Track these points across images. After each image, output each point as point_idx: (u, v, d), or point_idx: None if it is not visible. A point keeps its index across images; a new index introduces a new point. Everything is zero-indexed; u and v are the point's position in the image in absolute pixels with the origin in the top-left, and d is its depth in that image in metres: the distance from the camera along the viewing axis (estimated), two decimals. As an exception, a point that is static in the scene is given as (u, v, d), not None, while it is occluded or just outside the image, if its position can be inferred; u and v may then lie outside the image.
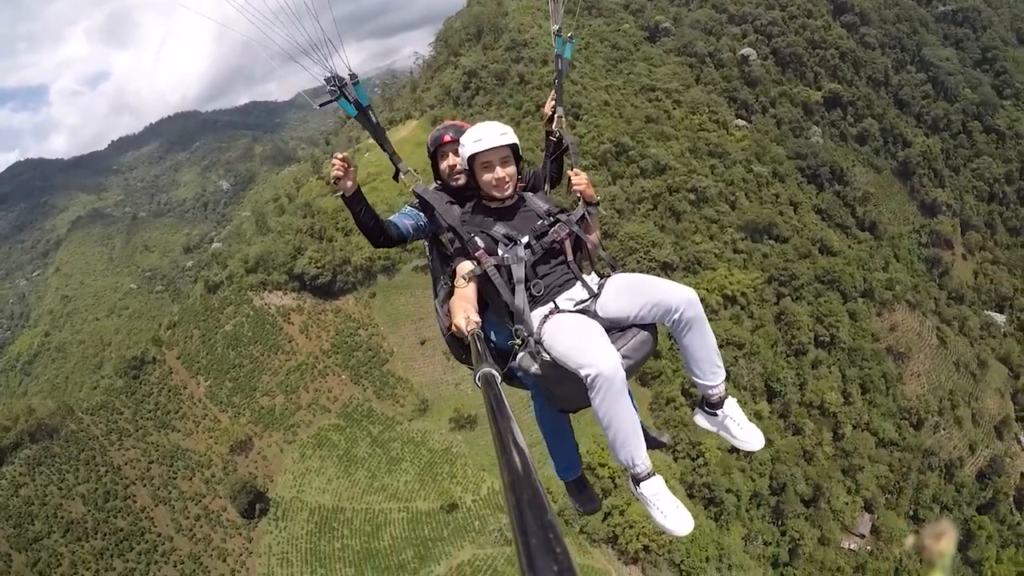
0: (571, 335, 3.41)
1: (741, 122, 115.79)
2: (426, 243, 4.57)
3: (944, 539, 0.94)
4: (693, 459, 70.66)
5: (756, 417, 77.45)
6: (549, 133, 4.61)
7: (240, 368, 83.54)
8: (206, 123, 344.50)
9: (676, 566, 61.63)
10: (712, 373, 3.67)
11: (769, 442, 75.79)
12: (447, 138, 4.42)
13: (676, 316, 3.47)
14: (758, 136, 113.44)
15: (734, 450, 71.12)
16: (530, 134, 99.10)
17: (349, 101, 3.87)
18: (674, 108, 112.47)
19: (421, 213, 4.37)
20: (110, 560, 63.95)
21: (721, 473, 70.51)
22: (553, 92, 4.68)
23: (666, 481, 3.36)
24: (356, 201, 4.06)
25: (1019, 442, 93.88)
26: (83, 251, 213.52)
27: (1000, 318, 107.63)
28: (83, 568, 62.99)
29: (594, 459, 57.91)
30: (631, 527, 60.79)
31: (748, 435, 3.75)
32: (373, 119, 3.98)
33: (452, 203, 4.24)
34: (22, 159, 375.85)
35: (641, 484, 3.37)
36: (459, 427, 74.32)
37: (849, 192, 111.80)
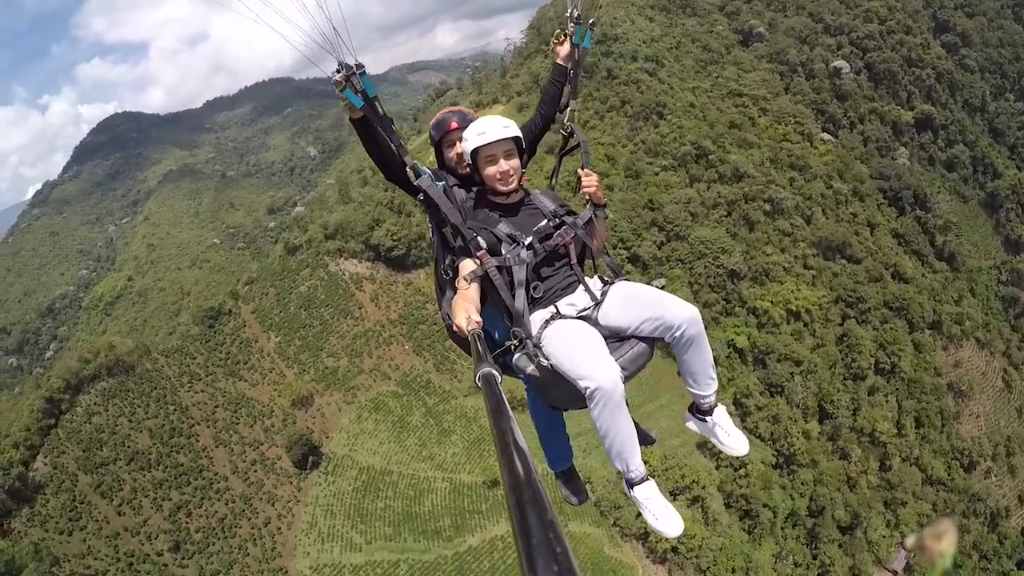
0: (572, 345, 3.45)
1: (827, 136, 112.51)
2: (431, 226, 4.41)
3: (944, 539, 0.93)
4: (735, 469, 69.60)
5: (804, 437, 76.92)
6: (561, 126, 4.52)
7: (310, 328, 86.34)
8: (300, 90, 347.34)
9: (702, 572, 61.52)
10: (706, 384, 3.79)
11: (814, 463, 75.07)
12: (453, 125, 4.38)
13: (678, 334, 3.52)
14: (842, 152, 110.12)
15: (778, 466, 70.12)
16: (612, 129, 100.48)
17: (356, 92, 3.84)
18: (759, 116, 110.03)
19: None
20: (168, 491, 68.04)
21: (761, 487, 69.58)
22: (559, 34, 4.64)
23: (704, 487, 4.14)
24: (366, 121, 4.02)
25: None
26: (171, 203, 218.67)
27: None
28: (142, 495, 67.12)
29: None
30: (663, 526, 61.34)
31: (734, 441, 3.88)
32: (379, 111, 3.97)
33: (458, 186, 4.27)
34: (120, 111, 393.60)
35: (635, 488, 3.49)
36: (512, 409, 75.74)
37: (930, 219, 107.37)
